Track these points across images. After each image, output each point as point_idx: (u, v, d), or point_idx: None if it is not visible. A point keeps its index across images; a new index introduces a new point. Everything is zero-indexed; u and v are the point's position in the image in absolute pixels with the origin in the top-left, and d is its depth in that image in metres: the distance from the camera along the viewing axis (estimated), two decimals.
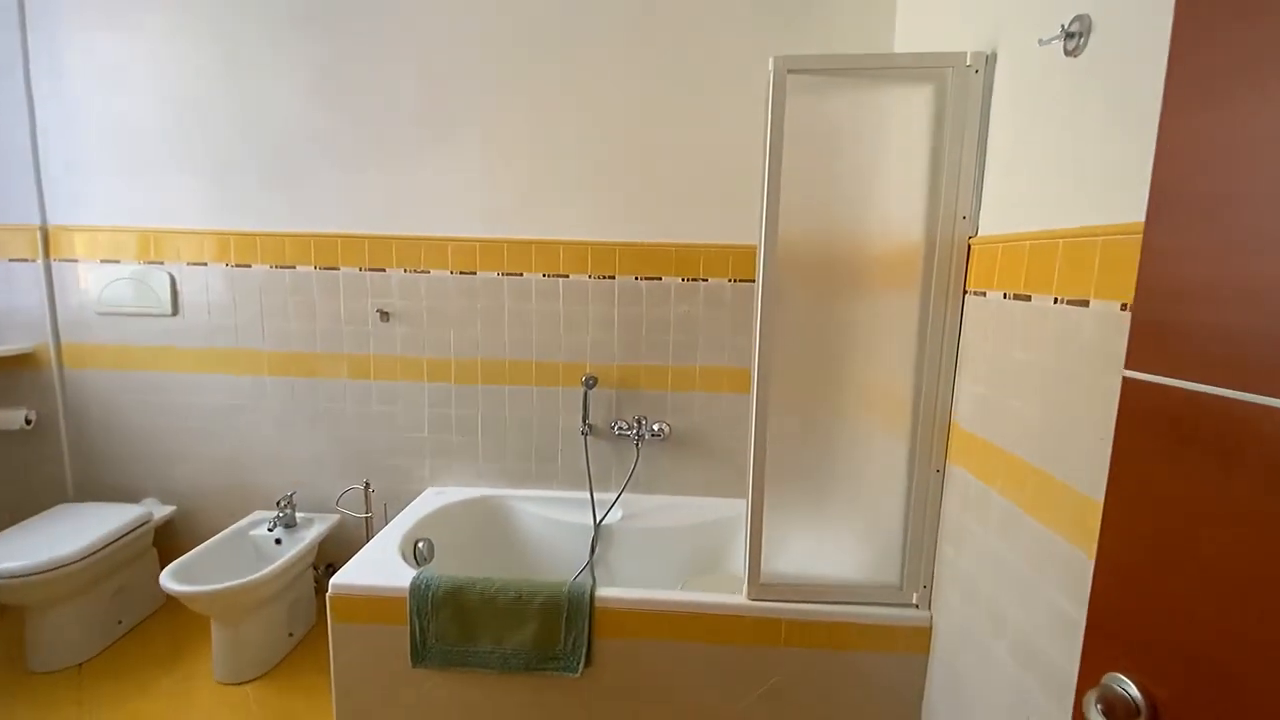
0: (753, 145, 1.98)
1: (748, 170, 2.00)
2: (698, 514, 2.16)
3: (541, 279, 2.15)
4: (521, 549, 2.20)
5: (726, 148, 2.04)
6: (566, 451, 2.24)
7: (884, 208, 1.47)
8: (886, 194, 1.47)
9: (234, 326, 2.24)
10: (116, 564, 2.10)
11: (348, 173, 2.13)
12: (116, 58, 2.12)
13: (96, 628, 2.06)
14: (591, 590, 1.56)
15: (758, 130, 1.97)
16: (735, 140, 2.03)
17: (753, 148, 1.98)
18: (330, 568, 2.30)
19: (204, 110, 2.13)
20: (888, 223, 1.47)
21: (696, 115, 2.04)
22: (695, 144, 2.05)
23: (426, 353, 2.22)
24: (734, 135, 2.03)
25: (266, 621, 2.01)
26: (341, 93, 2.09)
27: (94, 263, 2.23)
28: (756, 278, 1.51)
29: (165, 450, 2.32)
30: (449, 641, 1.58)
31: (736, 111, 2.02)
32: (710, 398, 2.17)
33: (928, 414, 1.46)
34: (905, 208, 1.45)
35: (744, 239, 2.07)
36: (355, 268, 2.18)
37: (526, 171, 2.10)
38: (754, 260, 2.04)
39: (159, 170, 2.17)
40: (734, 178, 2.05)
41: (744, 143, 2.01)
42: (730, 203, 2.06)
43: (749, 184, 2.00)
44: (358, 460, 2.29)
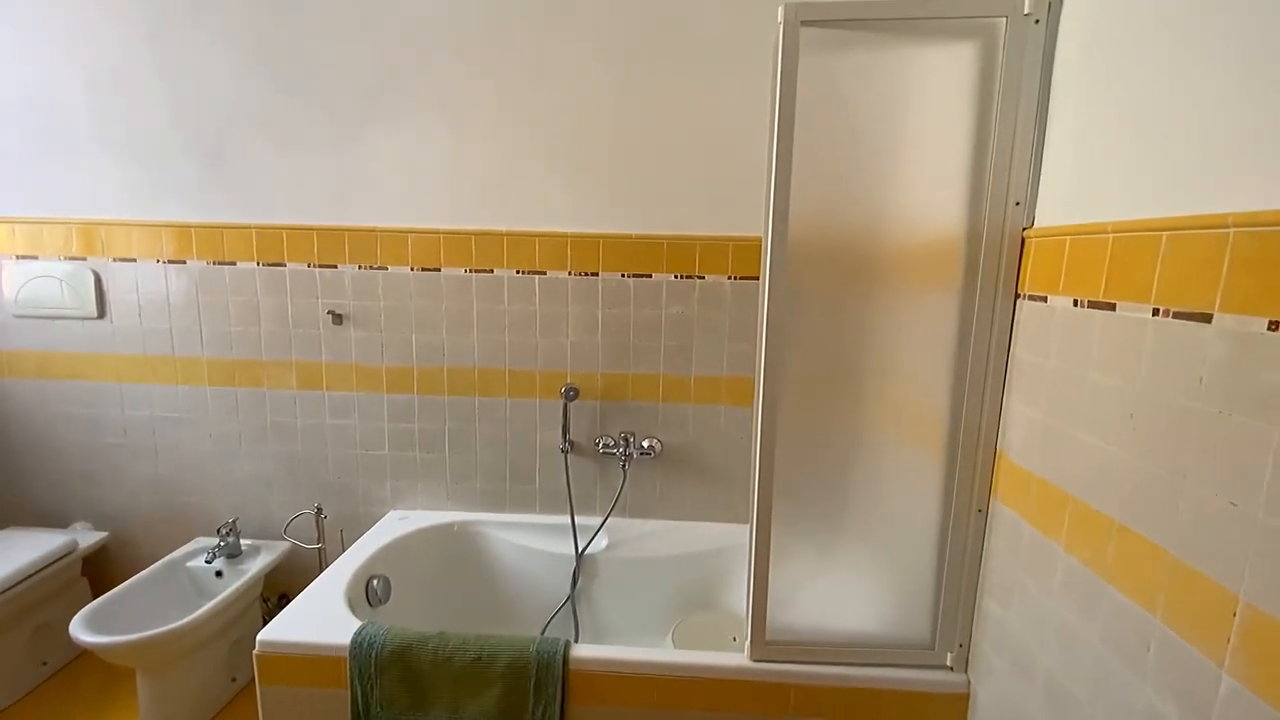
0: (757, 120, 1.71)
1: (751, 150, 1.74)
2: (692, 542, 1.91)
3: (514, 276, 1.89)
4: (494, 583, 1.95)
5: (727, 123, 1.77)
6: (545, 471, 1.99)
7: (916, 192, 1.21)
8: (919, 176, 1.20)
9: (168, 330, 1.98)
10: (36, 599, 1.86)
11: (293, 156, 1.86)
12: (31, 28, 1.84)
13: (14, 672, 1.82)
14: (565, 650, 1.31)
15: (763, 102, 1.70)
16: (737, 115, 1.76)
17: (757, 123, 1.71)
18: (284, 598, 2.06)
19: (129, 86, 1.86)
20: (921, 210, 1.21)
21: (691, 86, 1.77)
22: (690, 120, 1.78)
23: (385, 360, 1.96)
24: (735, 108, 1.76)
25: (203, 667, 1.76)
26: (285, 66, 1.82)
27: (10, 258, 1.96)
28: (762, 274, 1.25)
29: (95, 469, 2.07)
30: (396, 709, 1.33)
31: (739, 80, 1.75)
32: (706, 411, 1.92)
33: (969, 441, 1.21)
34: (942, 192, 1.19)
35: (746, 229, 1.80)
36: (303, 263, 1.92)
37: (496, 153, 1.83)
38: (758, 254, 1.81)
39: (78, 154, 1.90)
40: (735, 158, 1.78)
41: (747, 117, 1.75)
42: (731, 188, 1.80)
43: (753, 165, 1.74)
44: (309, 480, 2.04)
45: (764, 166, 1.20)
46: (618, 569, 1.90)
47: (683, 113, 1.78)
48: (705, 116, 1.78)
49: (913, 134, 1.20)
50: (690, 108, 1.78)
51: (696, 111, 1.78)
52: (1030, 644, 1.07)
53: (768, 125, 1.21)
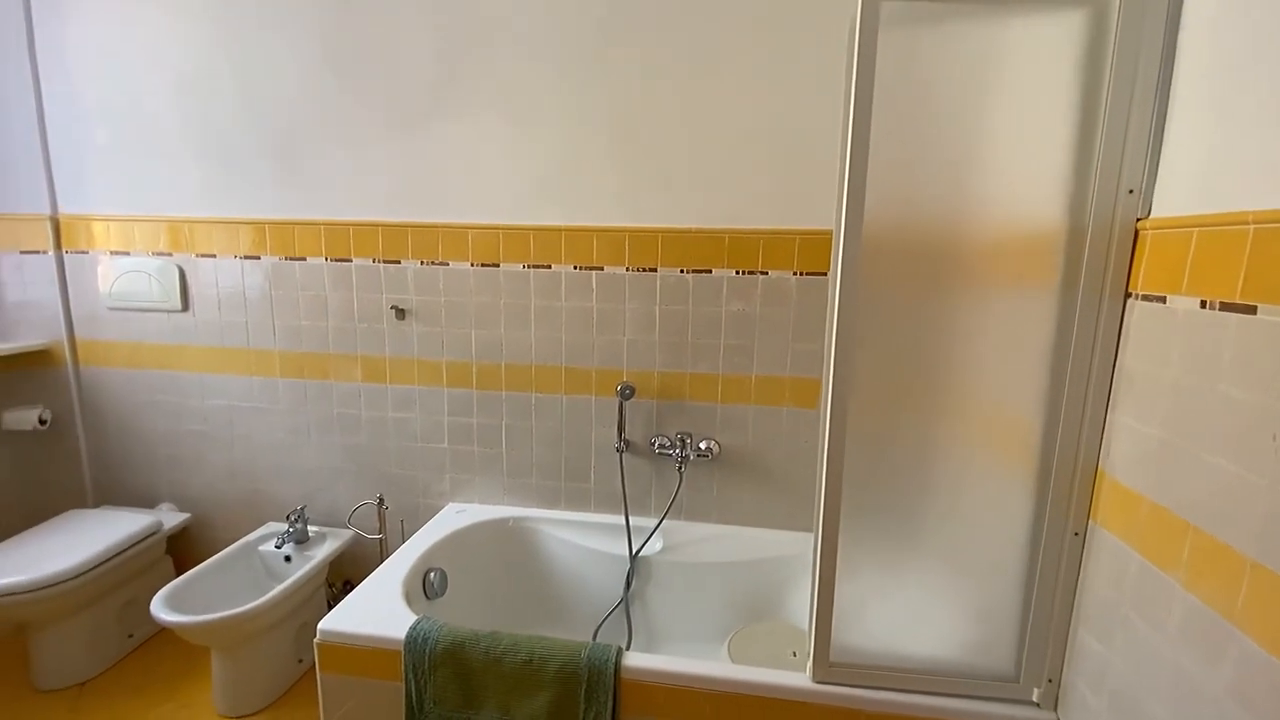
0: (828, 106, 1.62)
1: (821, 137, 1.65)
2: (751, 548, 1.84)
3: (572, 272, 1.86)
4: (547, 580, 1.94)
5: (794, 110, 1.68)
6: (600, 469, 1.96)
7: (1008, 180, 1.09)
8: (1012, 162, 1.09)
9: (244, 323, 2.06)
10: (125, 576, 1.97)
11: (358, 154, 1.90)
12: (120, 37, 1.94)
13: (103, 643, 1.94)
14: (617, 658, 1.27)
15: (834, 86, 1.61)
16: (806, 100, 1.67)
17: (828, 109, 1.62)
18: (348, 585, 2.12)
19: (209, 89, 1.94)
20: (1013, 200, 1.10)
21: (757, 73, 1.68)
22: (755, 108, 1.70)
23: (445, 355, 1.97)
24: (804, 94, 1.67)
25: (272, 648, 1.83)
26: (349, 65, 1.85)
27: (105, 254, 2.09)
28: (832, 269, 1.17)
29: (179, 454, 2.18)
30: (449, 706, 1.33)
31: (808, 64, 1.65)
32: (767, 413, 1.84)
33: (1065, 457, 1.09)
34: (1039, 180, 1.07)
35: (814, 222, 1.71)
36: (368, 259, 1.96)
37: (555, 148, 1.80)
38: (828, 248, 1.70)
39: (165, 155, 1.99)
40: (803, 147, 1.69)
41: (817, 103, 1.65)
42: (798, 178, 1.71)
43: (822, 154, 1.65)
44: (372, 471, 2.09)
45: (835, 155, 1.12)
46: (672, 573, 1.85)
47: (748, 101, 1.70)
48: (772, 104, 1.69)
49: (1005, 116, 1.08)
50: (756, 95, 1.69)
51: (762, 99, 1.69)
52: (1136, 689, 0.95)
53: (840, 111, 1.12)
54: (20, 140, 2.02)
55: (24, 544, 1.87)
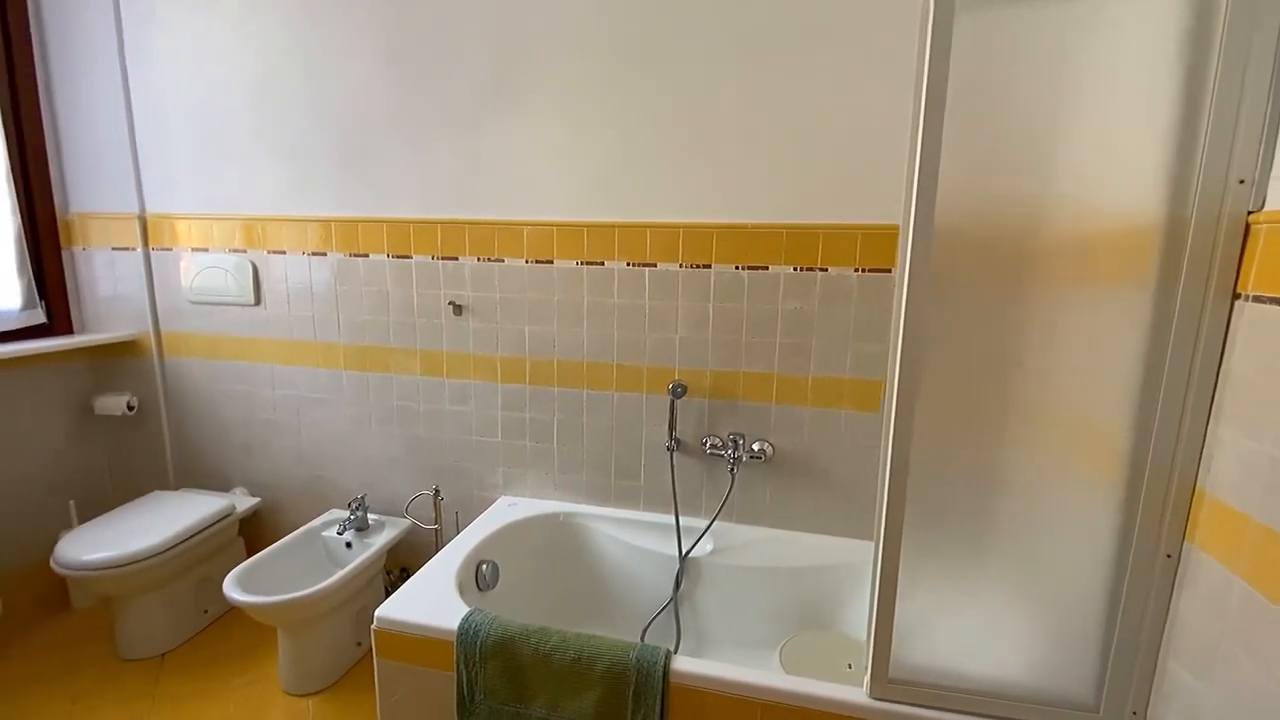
0: (895, 94, 1.55)
1: (887, 127, 1.58)
2: (805, 554, 1.79)
3: (625, 268, 1.85)
4: (596, 576, 1.94)
5: (859, 100, 1.62)
6: (650, 468, 1.94)
7: (1097, 169, 1.01)
8: (1100, 150, 1.01)
9: (312, 317, 2.14)
10: (201, 555, 2.09)
11: (419, 153, 1.94)
12: (199, 43, 2.05)
13: (181, 618, 2.06)
14: (666, 661, 1.25)
15: (901, 73, 1.54)
16: (871, 89, 1.60)
17: (895, 98, 1.55)
18: (404, 572, 2.19)
19: (281, 92, 2.02)
20: (1102, 191, 1.01)
21: (818, 62, 1.63)
22: (817, 98, 1.64)
23: (500, 350, 2.00)
24: (869, 81, 1.60)
25: (332, 631, 1.90)
26: (411, 67, 1.89)
27: (186, 251, 2.21)
28: (898, 266, 1.12)
29: (251, 441, 2.29)
30: (498, 699, 1.34)
31: (873, 51, 1.59)
32: (824, 415, 1.78)
33: (1158, 471, 1.00)
34: (1133, 168, 0.98)
35: (879, 217, 1.64)
36: (428, 256, 2.00)
37: (609, 143, 1.80)
38: (892, 244, 1.64)
39: (239, 156, 2.09)
40: (868, 138, 1.62)
41: (883, 91, 1.58)
42: (861, 171, 1.64)
43: (888, 145, 1.58)
44: (429, 463, 2.14)
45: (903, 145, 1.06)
46: (723, 575, 1.81)
47: (807, 91, 1.64)
48: (833, 93, 1.63)
49: (1094, 99, 1.00)
50: (816, 84, 1.63)
51: (823, 88, 1.63)
52: None
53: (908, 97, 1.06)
54: (112, 145, 2.16)
55: (113, 521, 2.01)
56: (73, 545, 1.84)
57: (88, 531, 1.93)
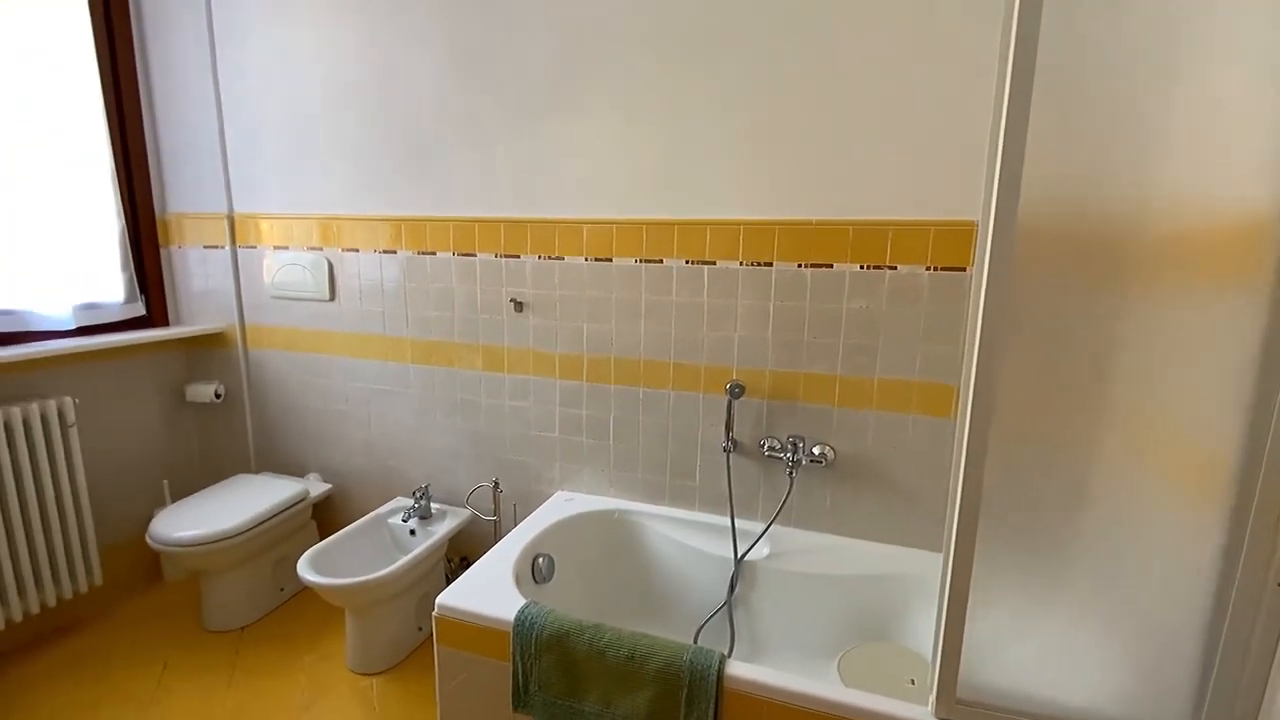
0: (972, 77, 1.48)
1: (964, 114, 1.50)
2: (866, 563, 1.72)
3: (684, 266, 1.83)
4: (649, 575, 1.94)
5: (932, 86, 1.54)
6: (705, 468, 1.92)
7: (1210, 157, 0.92)
8: (1218, 134, 0.92)
9: (381, 313, 2.23)
10: (278, 536, 2.21)
11: (483, 153, 1.98)
12: (282, 55, 2.16)
13: (259, 594, 2.19)
14: (720, 665, 1.23)
15: (979, 54, 1.47)
16: (945, 73, 1.52)
17: (972, 81, 1.48)
18: (464, 561, 2.25)
19: (354, 98, 2.11)
20: (1216, 182, 0.92)
21: (885, 46, 1.56)
22: (884, 85, 1.58)
23: (559, 347, 2.02)
24: (943, 66, 1.52)
25: (396, 614, 1.97)
26: (476, 69, 1.94)
27: (269, 249, 2.35)
28: (975, 264, 1.05)
29: (324, 430, 2.41)
30: (552, 692, 1.36)
31: (947, 30, 1.51)
32: (891, 419, 1.71)
33: (1271, 493, 0.91)
34: (1249, 159, 0.89)
35: (953, 212, 1.56)
36: (491, 253, 2.05)
37: (669, 139, 1.78)
38: (968, 240, 1.56)
39: (317, 158, 2.20)
40: (943, 127, 1.55)
41: (958, 75, 1.50)
42: (934, 162, 1.57)
43: (966, 133, 1.50)
44: (489, 456, 2.19)
45: (981, 134, 1.00)
46: (779, 580, 1.77)
47: (875, 79, 1.58)
48: (904, 80, 1.56)
49: (1209, 78, 0.91)
50: (884, 72, 1.57)
51: (893, 76, 1.57)
52: None
53: (988, 82, 0.99)
54: (205, 150, 2.31)
55: (201, 501, 2.15)
56: (165, 522, 1.98)
57: (178, 510, 2.08)
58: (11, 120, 1.95)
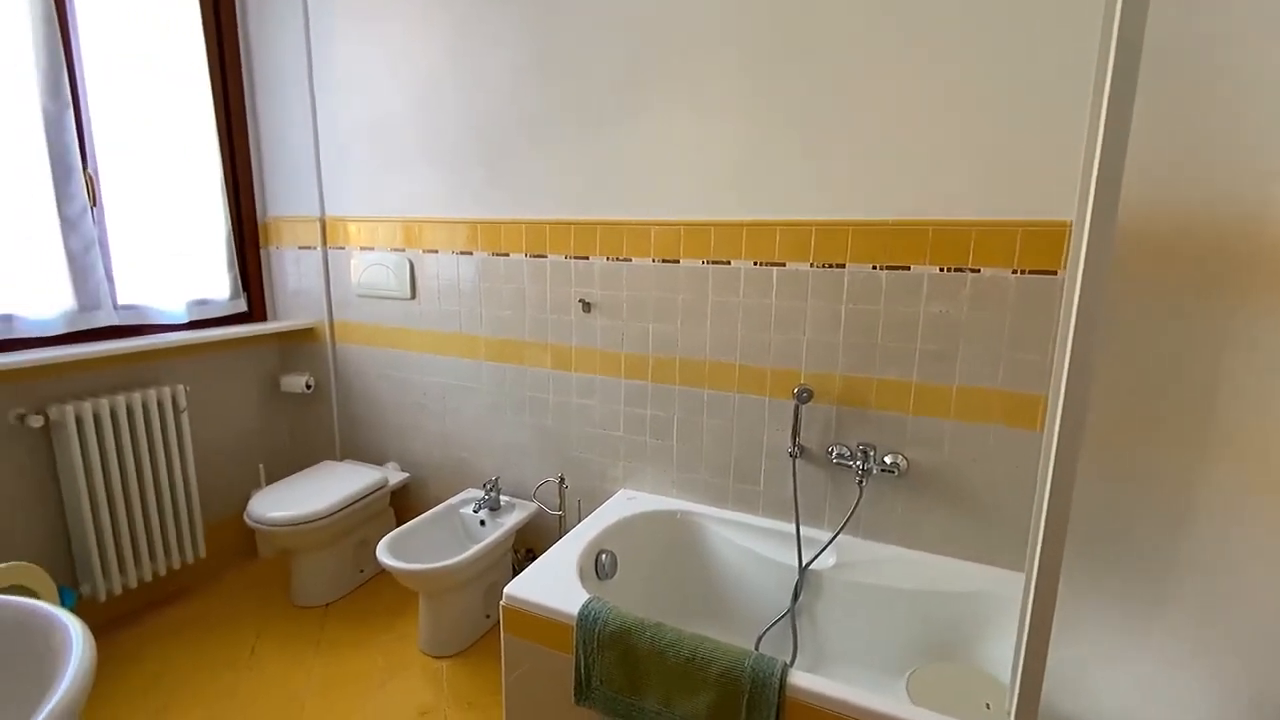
0: (1067, 66, 1.39)
1: (1057, 105, 1.42)
2: (938, 578, 1.65)
3: (751, 268, 1.81)
4: (711, 577, 1.93)
5: (1020, 74, 1.46)
6: (770, 473, 1.89)
7: None
8: None
9: (458, 312, 2.32)
10: (360, 520, 2.35)
11: (555, 156, 2.03)
12: (369, 66, 2.29)
13: (342, 574, 2.33)
14: (782, 674, 1.21)
15: (1075, 39, 1.38)
16: (1037, 60, 1.44)
17: (1067, 70, 1.39)
18: (530, 553, 2.31)
19: (436, 104, 2.20)
20: None
21: (969, 31, 1.49)
22: (967, 75, 1.51)
23: (625, 347, 2.04)
24: (1034, 52, 1.44)
25: (465, 601, 2.05)
26: (550, 73, 1.99)
27: (356, 250, 2.49)
28: (1069, 268, 0.99)
29: (403, 422, 2.54)
30: (613, 687, 1.38)
31: (1038, 12, 1.42)
32: (969, 429, 1.63)
33: None
34: None
35: (1044, 211, 1.48)
36: (561, 255, 2.09)
37: (740, 139, 1.77)
38: (1060, 242, 1.47)
39: (400, 163, 2.31)
40: (1033, 119, 1.46)
41: (1052, 62, 1.42)
42: (1023, 158, 1.49)
43: (1059, 126, 1.42)
44: (556, 452, 2.24)
45: (1076, 127, 0.94)
46: (845, 591, 1.73)
47: (958, 68, 1.51)
48: (989, 68, 1.48)
49: None
50: (967, 60, 1.50)
51: (979, 65, 1.49)
52: None
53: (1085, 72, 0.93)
54: (302, 156, 2.48)
55: (292, 485, 2.31)
56: (261, 503, 2.14)
57: (272, 492, 2.24)
58: (136, 134, 2.15)
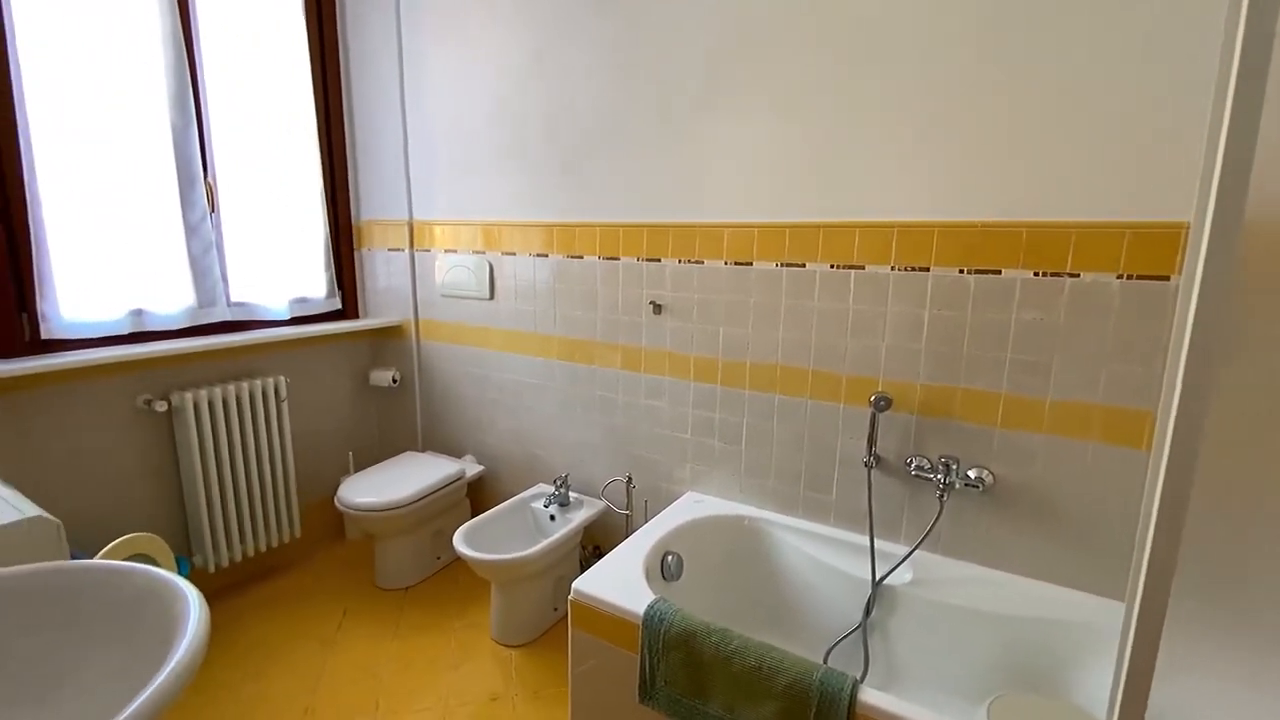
0: (1183, 52, 1.28)
1: (1171, 95, 1.30)
2: (1025, 603, 1.55)
3: (828, 271, 1.77)
4: (778, 586, 1.90)
5: (1129, 60, 1.35)
6: (843, 483, 1.84)
7: None
8: None
9: (533, 312, 2.39)
10: (438, 509, 2.46)
11: (631, 160, 2.06)
12: (455, 75, 2.40)
13: (420, 560, 2.45)
14: (853, 690, 1.18)
15: (1194, 19, 1.26)
16: (1149, 43, 1.33)
17: (1183, 56, 1.28)
18: (597, 550, 2.35)
19: (518, 110, 2.28)
20: None
21: (1071, 16, 1.39)
22: (1070, 63, 1.41)
23: (694, 350, 2.04)
24: (1147, 38, 1.33)
25: (535, 593, 2.11)
26: (628, 78, 2.01)
27: (440, 252, 2.61)
28: (1185, 273, 0.90)
29: (480, 417, 2.64)
30: (677, 689, 1.38)
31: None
32: (1065, 445, 1.52)
33: None
34: None
35: (1155, 212, 1.36)
36: (634, 257, 2.12)
37: (820, 138, 1.73)
38: (1172, 246, 1.35)
39: (483, 168, 2.41)
40: (1143, 110, 1.35)
41: (1166, 49, 1.30)
42: (1133, 154, 1.37)
43: (1174, 119, 1.30)
44: (624, 451, 2.27)
45: (1194, 119, 0.86)
46: (922, 609, 1.65)
47: (1057, 57, 1.41)
48: (1094, 55, 1.38)
49: None
50: (1070, 48, 1.40)
51: (1082, 55, 1.39)
52: None
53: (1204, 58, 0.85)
54: (392, 162, 2.63)
55: (377, 473, 2.45)
56: (350, 489, 2.28)
57: (360, 479, 2.39)
58: (248, 146, 2.35)
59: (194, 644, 0.77)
